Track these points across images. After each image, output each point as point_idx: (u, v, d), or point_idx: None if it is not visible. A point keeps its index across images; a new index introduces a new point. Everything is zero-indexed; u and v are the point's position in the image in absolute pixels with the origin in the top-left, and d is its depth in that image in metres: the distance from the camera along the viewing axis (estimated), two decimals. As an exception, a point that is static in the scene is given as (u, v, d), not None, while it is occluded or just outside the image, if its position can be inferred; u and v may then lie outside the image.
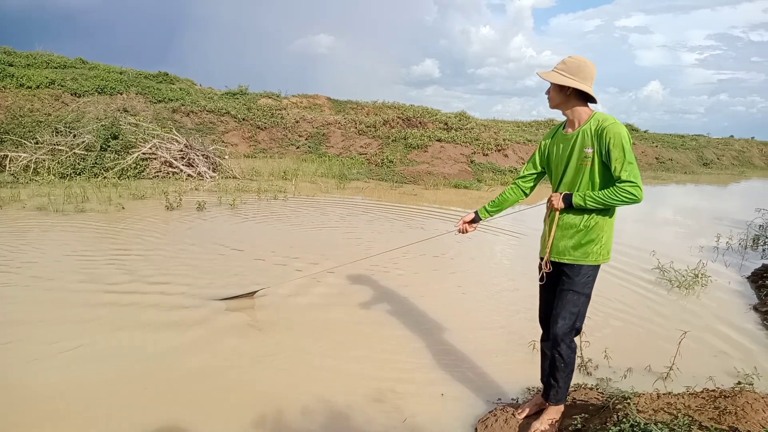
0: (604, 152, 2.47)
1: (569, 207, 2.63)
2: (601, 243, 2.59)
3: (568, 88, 2.57)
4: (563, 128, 2.73)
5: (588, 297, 2.68)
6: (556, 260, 2.70)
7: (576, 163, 2.60)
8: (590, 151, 2.52)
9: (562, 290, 2.67)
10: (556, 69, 2.61)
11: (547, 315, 2.85)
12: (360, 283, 5.39)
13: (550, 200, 2.76)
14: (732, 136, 41.68)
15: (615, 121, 2.48)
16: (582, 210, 2.58)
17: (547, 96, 2.69)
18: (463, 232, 3.16)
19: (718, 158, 33.75)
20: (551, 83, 2.63)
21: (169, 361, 3.58)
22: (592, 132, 2.51)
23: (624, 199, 2.43)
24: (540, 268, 2.81)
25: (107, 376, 3.33)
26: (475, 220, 3.10)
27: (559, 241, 2.67)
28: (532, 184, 2.98)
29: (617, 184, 2.45)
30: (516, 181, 3.01)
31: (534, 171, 2.93)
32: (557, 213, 2.69)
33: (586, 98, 2.60)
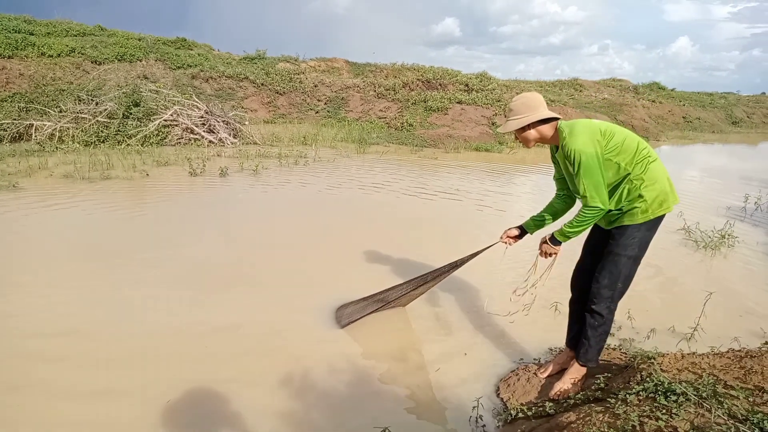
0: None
1: (559, 245, 2.75)
2: (645, 204, 2.53)
3: (529, 125, 2.63)
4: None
5: (631, 259, 2.62)
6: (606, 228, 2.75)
7: (576, 177, 2.59)
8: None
9: (607, 251, 2.67)
10: (509, 118, 2.69)
11: (579, 276, 2.91)
12: (385, 242, 5.42)
13: (541, 248, 2.84)
14: (764, 93, 40.19)
15: (571, 131, 2.52)
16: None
17: (520, 143, 2.70)
18: (508, 245, 3.12)
19: (748, 116, 32.65)
20: (515, 132, 2.70)
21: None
22: (563, 150, 2.58)
23: (591, 218, 2.54)
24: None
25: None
26: (521, 235, 3.05)
27: (605, 220, 2.70)
28: (567, 191, 2.90)
29: (582, 207, 2.55)
30: (557, 193, 2.96)
31: (561, 181, 2.89)
32: (557, 255, 2.82)
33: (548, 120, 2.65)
